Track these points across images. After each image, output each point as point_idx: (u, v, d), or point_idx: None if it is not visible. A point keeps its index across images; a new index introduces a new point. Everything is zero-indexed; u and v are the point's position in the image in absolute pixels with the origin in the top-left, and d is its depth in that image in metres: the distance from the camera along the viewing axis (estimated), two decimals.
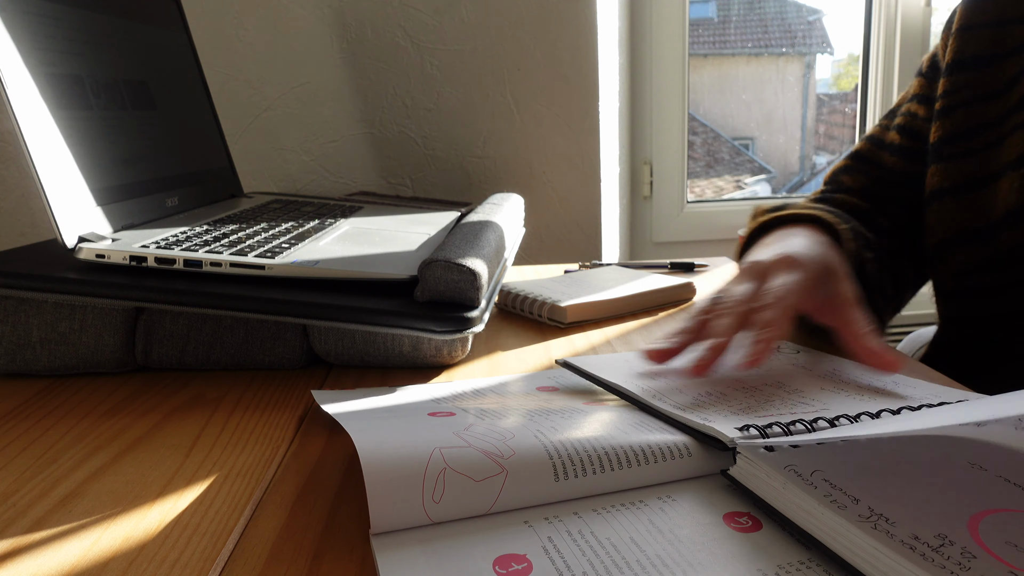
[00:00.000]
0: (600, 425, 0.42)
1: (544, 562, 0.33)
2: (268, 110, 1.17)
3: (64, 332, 0.59)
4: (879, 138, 0.82)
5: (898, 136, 0.79)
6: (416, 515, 0.35)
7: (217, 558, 0.35)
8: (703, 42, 1.66)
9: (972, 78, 0.72)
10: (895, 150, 0.79)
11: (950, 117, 0.73)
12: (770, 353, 0.49)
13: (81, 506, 0.40)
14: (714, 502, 0.38)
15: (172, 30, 0.85)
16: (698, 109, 1.71)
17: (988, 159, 0.70)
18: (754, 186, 1.81)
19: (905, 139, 0.79)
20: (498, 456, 0.37)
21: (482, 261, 0.59)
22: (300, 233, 0.69)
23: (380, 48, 1.16)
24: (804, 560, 0.33)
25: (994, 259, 0.68)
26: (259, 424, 0.51)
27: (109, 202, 0.63)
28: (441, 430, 0.40)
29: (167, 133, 0.78)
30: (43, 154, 0.56)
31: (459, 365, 0.62)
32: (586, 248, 1.25)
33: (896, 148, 0.79)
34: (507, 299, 0.77)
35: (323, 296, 0.56)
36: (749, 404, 0.46)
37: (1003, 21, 0.71)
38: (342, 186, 1.20)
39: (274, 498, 0.41)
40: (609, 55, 1.27)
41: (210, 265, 0.58)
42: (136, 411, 0.53)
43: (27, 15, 0.59)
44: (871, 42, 1.60)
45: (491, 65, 1.18)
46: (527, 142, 1.20)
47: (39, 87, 0.58)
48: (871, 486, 0.34)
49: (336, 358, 0.61)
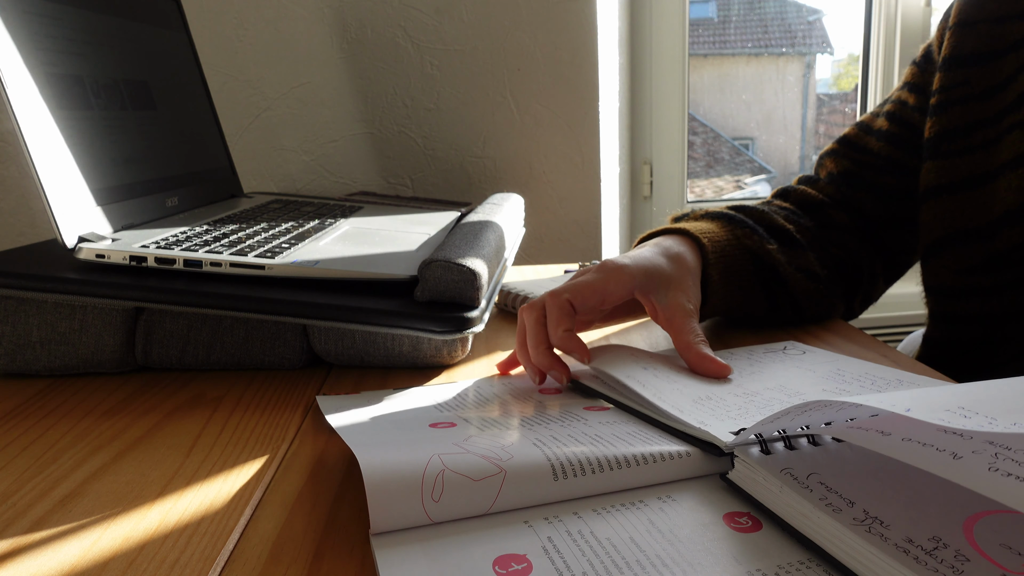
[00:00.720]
0: (600, 435, 0.42)
1: (544, 562, 0.33)
2: (268, 110, 1.17)
3: (64, 332, 0.59)
4: (868, 124, 0.82)
5: (886, 122, 0.79)
6: (416, 515, 0.35)
7: (217, 558, 0.35)
8: (703, 42, 1.66)
9: (969, 74, 0.72)
10: (882, 136, 0.79)
11: (946, 113, 0.72)
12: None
13: (81, 506, 0.40)
14: (714, 502, 0.38)
15: (172, 30, 0.85)
16: (698, 109, 1.71)
17: (986, 157, 0.70)
18: (754, 186, 1.81)
19: (893, 125, 0.79)
20: (496, 459, 0.38)
21: (482, 261, 0.59)
22: (300, 233, 0.69)
23: (380, 48, 1.16)
24: (804, 560, 0.33)
25: (993, 259, 0.68)
26: (259, 424, 0.51)
27: (109, 202, 0.63)
28: (442, 441, 0.41)
29: (167, 133, 0.78)
30: (43, 154, 0.56)
31: (459, 365, 0.62)
32: (586, 248, 1.25)
33: (883, 134, 0.79)
34: (507, 299, 0.77)
35: (323, 296, 0.56)
36: (747, 408, 0.46)
37: (1001, 17, 0.71)
38: (342, 186, 1.20)
39: (274, 498, 0.41)
40: (609, 55, 1.27)
41: (210, 265, 0.58)
42: (136, 411, 0.53)
43: (27, 15, 0.59)
44: (871, 42, 1.60)
45: (491, 65, 1.18)
46: (527, 142, 1.20)
47: (39, 87, 0.58)
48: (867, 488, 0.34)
49: (336, 358, 0.61)
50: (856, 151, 0.81)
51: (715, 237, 0.65)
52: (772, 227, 0.69)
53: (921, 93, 0.77)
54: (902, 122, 0.78)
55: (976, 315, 0.71)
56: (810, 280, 0.68)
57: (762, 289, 0.67)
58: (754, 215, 0.70)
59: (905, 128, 0.78)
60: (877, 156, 0.79)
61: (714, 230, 0.66)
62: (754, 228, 0.67)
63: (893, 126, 0.79)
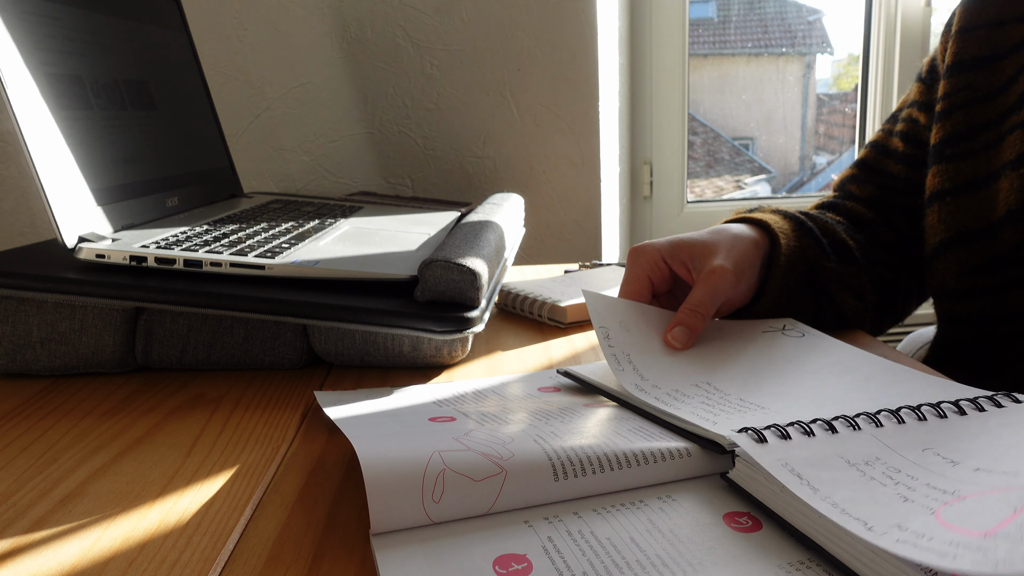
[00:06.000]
0: (600, 431, 0.42)
1: (544, 562, 0.33)
2: (268, 110, 1.17)
3: (64, 332, 0.59)
4: (883, 145, 0.82)
5: (902, 143, 0.80)
6: (416, 515, 0.35)
7: (217, 558, 0.35)
8: (703, 42, 1.66)
9: (971, 79, 0.72)
10: (900, 158, 0.80)
11: (950, 118, 0.73)
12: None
13: (81, 506, 0.40)
14: (714, 502, 0.38)
15: (172, 30, 0.85)
16: (698, 109, 1.71)
17: (988, 159, 0.70)
18: (754, 186, 1.81)
19: (909, 146, 0.79)
20: (497, 458, 0.37)
21: (482, 261, 0.59)
22: (300, 233, 0.69)
23: (380, 48, 1.16)
24: (804, 560, 0.33)
25: (996, 259, 0.68)
26: (259, 424, 0.51)
27: (109, 202, 0.63)
28: (441, 435, 0.40)
29: (167, 133, 0.78)
30: (43, 154, 0.56)
31: (459, 365, 0.62)
32: (586, 248, 1.25)
33: (901, 156, 0.80)
34: (507, 299, 0.77)
35: (323, 296, 0.56)
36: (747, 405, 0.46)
37: (1001, 21, 0.71)
38: (342, 186, 1.20)
39: (274, 498, 0.41)
40: (609, 55, 1.27)
41: (210, 265, 0.58)
42: (136, 411, 0.53)
43: (27, 15, 0.59)
44: (871, 42, 1.60)
45: (491, 65, 1.18)
46: (527, 142, 1.20)
47: (39, 87, 0.58)
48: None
49: (336, 358, 0.61)
50: (878, 175, 0.81)
51: (789, 241, 0.65)
52: (835, 241, 0.69)
53: (930, 111, 0.77)
54: (917, 142, 0.78)
55: (981, 315, 0.71)
56: (858, 300, 0.68)
57: (811, 300, 0.66)
58: (819, 224, 0.70)
59: (921, 149, 0.78)
60: (898, 179, 0.79)
61: (788, 233, 0.66)
62: (820, 241, 0.67)
63: (909, 147, 0.79)
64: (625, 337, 0.54)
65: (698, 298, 0.57)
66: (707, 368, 0.52)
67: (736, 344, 0.57)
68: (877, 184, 0.81)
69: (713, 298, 0.57)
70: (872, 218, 0.78)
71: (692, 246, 0.61)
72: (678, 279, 0.62)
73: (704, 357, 0.54)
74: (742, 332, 0.59)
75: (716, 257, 0.59)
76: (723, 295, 0.58)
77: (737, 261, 0.60)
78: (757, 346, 0.56)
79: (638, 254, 0.61)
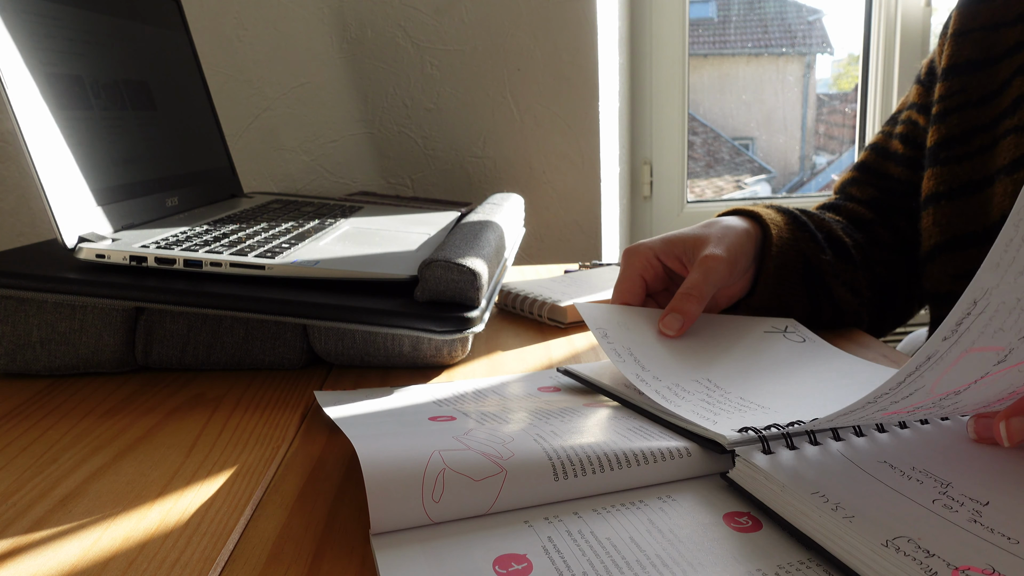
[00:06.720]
0: (600, 431, 0.42)
1: (544, 562, 0.33)
2: (268, 110, 1.17)
3: (64, 332, 0.59)
4: (883, 147, 0.82)
5: (901, 146, 0.80)
6: (416, 515, 0.35)
7: (217, 558, 0.35)
8: (703, 42, 1.66)
9: (966, 82, 0.72)
10: (900, 160, 0.80)
11: (946, 121, 0.73)
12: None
13: (81, 506, 0.40)
14: (714, 502, 0.38)
15: (172, 30, 0.85)
16: (698, 109, 1.71)
17: (982, 163, 0.70)
18: (754, 186, 1.81)
19: (908, 149, 0.79)
20: (497, 458, 0.37)
21: (482, 261, 0.59)
22: (300, 233, 0.69)
23: (380, 48, 1.16)
24: (804, 560, 0.33)
25: None
26: (259, 424, 0.51)
27: (109, 202, 0.63)
28: (441, 435, 0.40)
29: (167, 133, 0.78)
30: (43, 154, 0.56)
31: (459, 365, 0.62)
32: (586, 248, 1.25)
33: (901, 158, 0.80)
34: (507, 299, 0.77)
35: (323, 296, 0.56)
36: (747, 404, 0.46)
37: (995, 24, 0.72)
38: (342, 186, 1.20)
39: (274, 498, 0.41)
40: (609, 55, 1.27)
41: (210, 265, 0.58)
42: (136, 411, 0.53)
43: (27, 15, 0.59)
44: (871, 42, 1.60)
45: (491, 65, 1.18)
46: (527, 142, 1.20)
47: (39, 87, 0.58)
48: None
49: (336, 358, 0.61)
50: (879, 177, 0.81)
51: (781, 232, 0.66)
52: (831, 237, 0.69)
53: (929, 113, 0.77)
54: (917, 145, 0.79)
55: None
56: (854, 296, 0.68)
57: (807, 292, 0.66)
58: (815, 220, 0.70)
59: (921, 151, 0.78)
60: (898, 181, 0.80)
61: (780, 224, 0.66)
62: (814, 234, 0.67)
63: (908, 149, 0.79)
64: (624, 334, 0.54)
65: (692, 281, 0.57)
66: (707, 364, 0.52)
67: (737, 341, 0.57)
68: (877, 187, 0.81)
69: (706, 281, 0.57)
70: (872, 219, 0.78)
71: (684, 240, 0.61)
72: (673, 276, 0.63)
73: (704, 352, 0.54)
74: (743, 329, 0.59)
75: (708, 247, 0.60)
76: (717, 280, 0.58)
77: (729, 248, 0.60)
78: (758, 345, 0.56)
79: (631, 254, 0.62)
